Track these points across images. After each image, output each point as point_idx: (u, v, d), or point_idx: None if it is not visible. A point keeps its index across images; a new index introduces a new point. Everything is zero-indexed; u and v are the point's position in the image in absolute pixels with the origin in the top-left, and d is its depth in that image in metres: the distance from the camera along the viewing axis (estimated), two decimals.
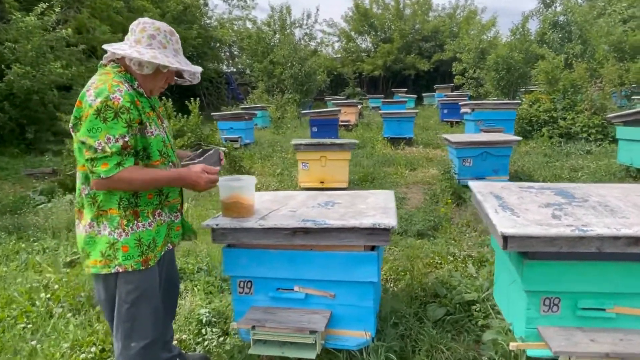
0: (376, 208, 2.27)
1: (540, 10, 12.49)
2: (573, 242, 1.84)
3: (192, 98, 7.89)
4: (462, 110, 9.10)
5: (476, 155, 5.42)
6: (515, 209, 2.12)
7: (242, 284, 2.26)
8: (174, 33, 1.79)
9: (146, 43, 1.69)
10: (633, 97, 8.88)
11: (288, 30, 22.96)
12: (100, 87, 1.58)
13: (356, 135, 11.29)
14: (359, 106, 14.81)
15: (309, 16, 24.05)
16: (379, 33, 27.66)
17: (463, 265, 3.36)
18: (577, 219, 1.95)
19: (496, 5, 52.12)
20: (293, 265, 2.16)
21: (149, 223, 1.73)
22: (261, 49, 21.08)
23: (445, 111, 12.92)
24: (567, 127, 8.37)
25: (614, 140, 7.96)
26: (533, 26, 12.40)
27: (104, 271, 1.67)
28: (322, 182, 5.30)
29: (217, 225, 2.11)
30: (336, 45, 29.93)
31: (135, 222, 1.69)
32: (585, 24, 11.41)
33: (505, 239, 1.88)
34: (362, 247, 2.10)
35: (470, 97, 15.00)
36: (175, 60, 1.74)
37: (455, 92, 17.91)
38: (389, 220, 2.02)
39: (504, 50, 10.88)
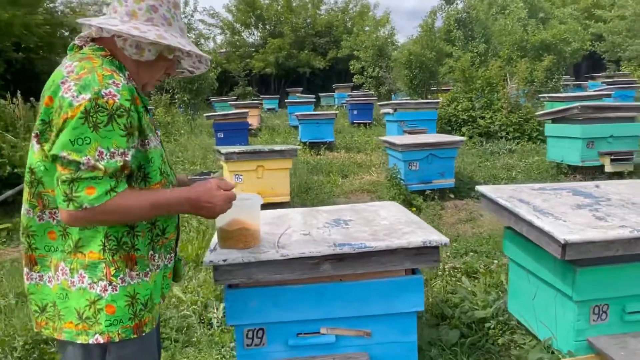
0: (404, 222, 2.18)
1: (443, 7, 13.77)
2: (629, 244, 1.96)
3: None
4: (384, 110, 9.50)
5: (422, 159, 5.65)
6: (553, 213, 2.20)
7: (250, 333, 1.97)
8: (178, 5, 1.48)
9: (145, 17, 1.36)
10: (540, 95, 10.21)
11: None
12: (85, 77, 1.22)
13: (264, 140, 11.13)
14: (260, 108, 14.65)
15: (186, 4, 23.17)
16: (267, 26, 27.88)
17: (453, 279, 3.43)
18: (622, 219, 2.09)
19: (386, 2, 56.14)
20: (319, 303, 1.95)
21: (145, 273, 1.36)
22: None
23: (355, 112, 13.42)
24: (486, 126, 9.25)
25: (531, 138, 9.07)
26: (438, 23, 13.60)
27: (80, 339, 1.29)
28: None
29: (224, 261, 1.81)
30: (219, 38, 29.41)
31: (128, 270, 1.31)
32: (487, 22, 12.88)
33: (564, 246, 1.93)
34: (403, 271, 1.99)
35: (378, 97, 15.81)
36: (186, 42, 1.45)
37: (359, 92, 18.72)
38: (439, 236, 1.94)
39: (416, 48, 11.69)
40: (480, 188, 2.69)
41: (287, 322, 1.96)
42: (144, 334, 1.36)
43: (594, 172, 6.21)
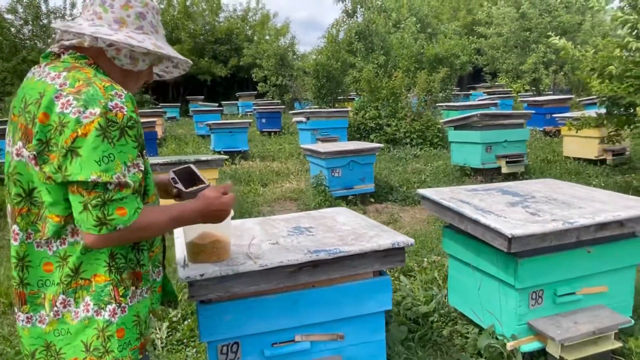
0: (366, 226, 2.28)
1: (344, 19, 14.35)
2: (560, 235, 2.25)
3: None
4: (296, 119, 9.65)
5: (344, 165, 5.86)
6: (493, 211, 2.44)
7: (225, 349, 1.92)
8: (159, 12, 1.44)
9: (135, 25, 1.30)
10: (436, 104, 11.07)
11: (45, 21, 20.09)
12: (87, 90, 1.14)
13: (171, 150, 10.69)
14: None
15: (73, 5, 21.46)
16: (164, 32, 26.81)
17: (392, 278, 3.61)
18: (551, 213, 2.38)
19: (281, 12, 57.05)
20: (293, 311, 1.96)
21: (146, 289, 1.32)
22: (7, 43, 17.80)
23: (264, 121, 13.47)
24: (392, 134, 9.81)
25: (432, 144, 9.79)
26: (340, 35, 14.14)
27: None
28: None
29: (201, 276, 1.75)
30: None
31: (134, 288, 1.27)
32: (385, 35, 13.66)
33: (510, 240, 2.16)
34: (372, 273, 2.08)
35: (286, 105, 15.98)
36: (170, 49, 1.41)
37: (265, 101, 18.75)
38: (404, 237, 2.06)
39: (322, 58, 12.04)
40: (422, 191, 2.88)
41: (262, 333, 1.95)
42: (147, 353, 1.32)
43: (493, 174, 6.89)
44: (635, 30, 5.21)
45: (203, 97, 24.45)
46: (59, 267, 1.19)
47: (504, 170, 6.72)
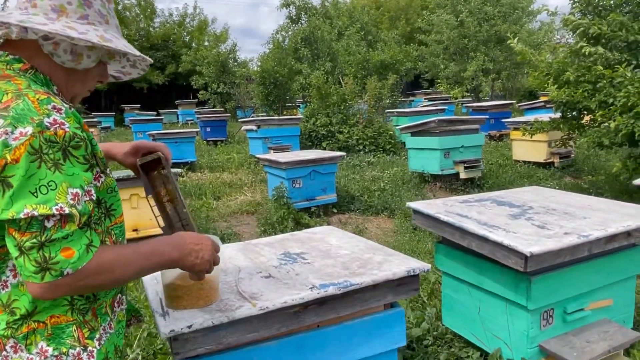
0: (366, 249, 2.01)
1: (289, 25, 14.12)
2: (574, 250, 2.09)
3: None
4: (245, 127, 9.27)
5: (305, 175, 5.58)
6: (498, 225, 2.25)
7: None
8: None
9: (78, 14, 1.06)
10: (386, 110, 11.07)
11: None
12: (15, 106, 0.91)
13: (110, 163, 9.93)
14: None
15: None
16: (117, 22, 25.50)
17: None
18: (560, 226, 2.22)
19: (222, 19, 55.91)
20: (298, 358, 1.65)
21: (108, 323, 1.12)
22: None
23: (208, 129, 12.93)
24: (344, 141, 9.66)
25: (385, 150, 9.74)
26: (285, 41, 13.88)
27: None
28: (135, 230, 4.35)
29: (189, 327, 1.40)
30: None
31: (100, 326, 1.08)
32: (330, 42, 13.58)
33: (527, 259, 1.97)
34: (382, 306, 1.81)
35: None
36: (125, 42, 1.15)
37: (207, 109, 18.12)
38: (419, 263, 1.81)
39: (268, 64, 11.71)
40: (413, 205, 2.66)
41: None
42: None
43: (451, 179, 6.87)
44: (586, 36, 5.35)
45: (140, 105, 23.30)
46: (6, 311, 0.98)
47: (462, 175, 6.71)
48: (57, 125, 0.91)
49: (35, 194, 0.87)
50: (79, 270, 0.92)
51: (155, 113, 19.54)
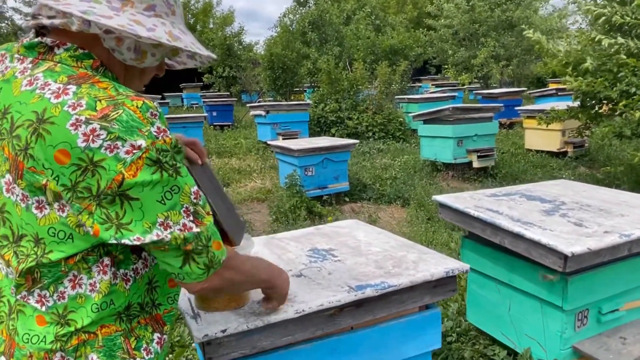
0: (398, 246, 1.92)
1: (296, 8, 13.87)
2: (614, 249, 2.00)
3: None
4: (253, 112, 9.14)
5: (317, 163, 5.49)
6: (533, 222, 2.16)
7: None
8: None
9: (144, 5, 0.92)
10: (395, 97, 10.93)
11: None
12: (118, 116, 0.81)
13: None
14: None
15: None
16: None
17: None
18: (598, 223, 2.13)
19: (227, 2, 55.30)
20: None
21: (161, 337, 1.06)
22: None
23: (215, 114, 12.82)
24: (354, 127, 9.54)
25: (394, 137, 9.62)
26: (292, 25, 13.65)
27: None
28: None
29: (223, 332, 1.33)
30: None
31: (155, 335, 1.03)
32: (339, 25, 13.36)
33: (567, 258, 1.88)
34: (417, 308, 1.73)
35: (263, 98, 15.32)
36: (193, 39, 1.02)
37: (213, 92, 17.99)
38: (457, 263, 1.72)
39: (276, 48, 11.53)
40: (439, 198, 2.57)
41: None
42: None
43: (464, 168, 6.76)
44: (608, 25, 5.19)
45: (144, 88, 23.10)
46: (57, 324, 0.91)
47: (475, 165, 6.60)
48: (162, 133, 0.85)
49: (165, 203, 0.86)
50: (225, 259, 0.98)
51: (160, 97, 19.38)
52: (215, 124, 12.65)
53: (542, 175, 6.58)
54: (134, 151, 0.81)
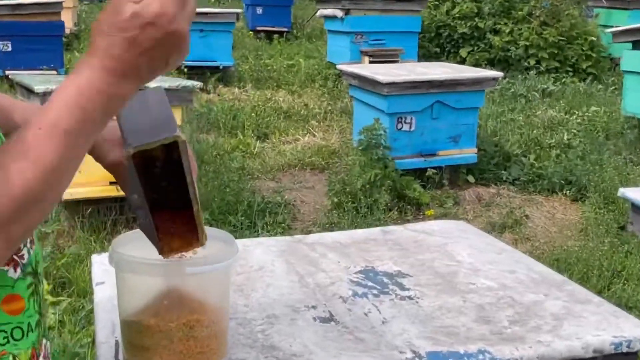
0: (539, 282, 1.91)
1: None
2: None
3: None
4: (323, 12, 9.27)
5: (422, 110, 5.46)
6: None
7: None
8: None
9: None
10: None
11: None
12: None
13: None
14: None
15: None
16: None
17: None
18: None
19: None
20: None
21: None
22: None
23: (260, 12, 13.43)
24: (502, 48, 9.39)
25: (577, 71, 9.35)
26: None
27: None
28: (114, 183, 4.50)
29: None
30: None
31: None
32: None
33: None
34: None
35: None
36: None
37: None
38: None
39: None
40: (630, 194, 2.45)
41: None
42: None
43: None
44: None
45: None
46: None
47: None
48: None
49: None
50: None
51: None
52: (259, 28, 13.03)
53: None
54: None
